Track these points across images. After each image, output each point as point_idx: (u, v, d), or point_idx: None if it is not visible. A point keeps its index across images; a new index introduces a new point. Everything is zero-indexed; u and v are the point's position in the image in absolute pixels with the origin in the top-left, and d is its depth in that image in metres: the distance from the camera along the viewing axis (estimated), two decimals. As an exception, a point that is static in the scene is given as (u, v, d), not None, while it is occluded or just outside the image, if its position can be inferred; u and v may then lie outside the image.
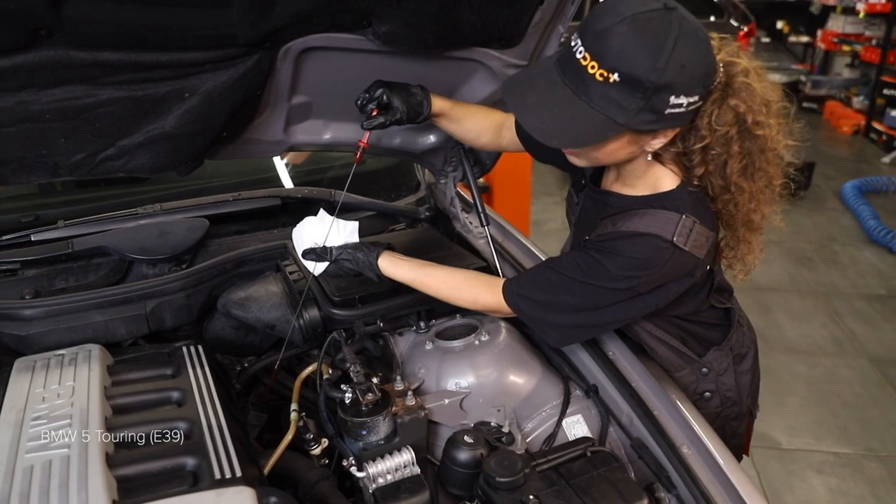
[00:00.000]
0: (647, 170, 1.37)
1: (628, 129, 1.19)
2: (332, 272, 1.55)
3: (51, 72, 1.24)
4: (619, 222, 1.36)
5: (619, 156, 1.31)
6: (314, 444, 1.52)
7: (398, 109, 1.54)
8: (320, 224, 1.58)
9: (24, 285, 1.69)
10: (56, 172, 1.39)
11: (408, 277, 1.53)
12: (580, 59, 1.16)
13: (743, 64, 1.28)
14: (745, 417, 1.73)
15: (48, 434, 1.23)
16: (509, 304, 1.45)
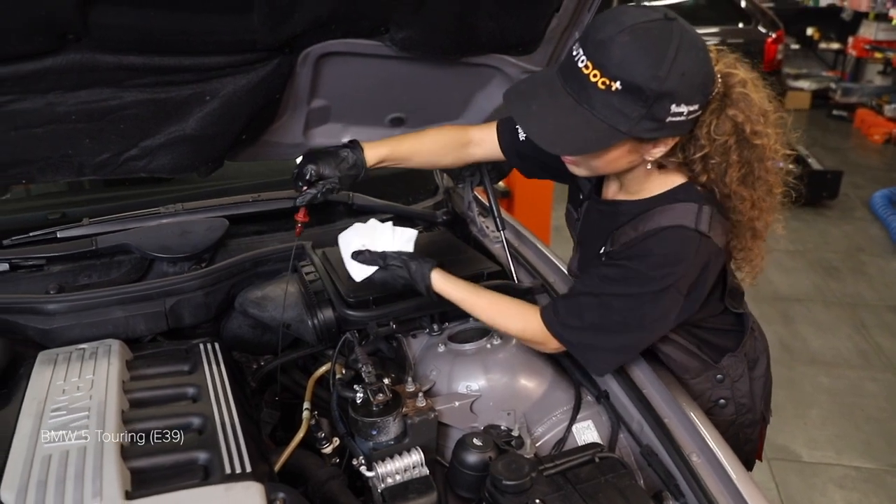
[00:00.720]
0: (648, 176, 1.38)
1: (630, 137, 1.21)
2: (379, 279, 1.55)
3: (78, 75, 1.29)
4: (640, 225, 1.36)
5: (620, 165, 1.32)
6: (326, 442, 1.54)
7: (330, 178, 1.52)
8: (371, 230, 1.58)
9: (50, 280, 1.73)
10: (81, 172, 1.43)
11: (458, 297, 1.52)
12: (582, 67, 1.17)
13: (740, 75, 1.30)
14: (759, 423, 1.73)
15: (67, 425, 1.27)
16: (555, 335, 1.42)
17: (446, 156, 1.69)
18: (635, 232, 1.35)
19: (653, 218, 1.34)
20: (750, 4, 8.23)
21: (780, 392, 3.60)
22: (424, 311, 1.70)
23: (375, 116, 1.84)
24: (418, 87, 1.75)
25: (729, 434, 1.64)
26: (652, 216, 1.35)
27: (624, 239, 1.37)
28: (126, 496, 1.12)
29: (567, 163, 1.38)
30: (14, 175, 1.39)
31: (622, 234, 1.39)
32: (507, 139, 1.65)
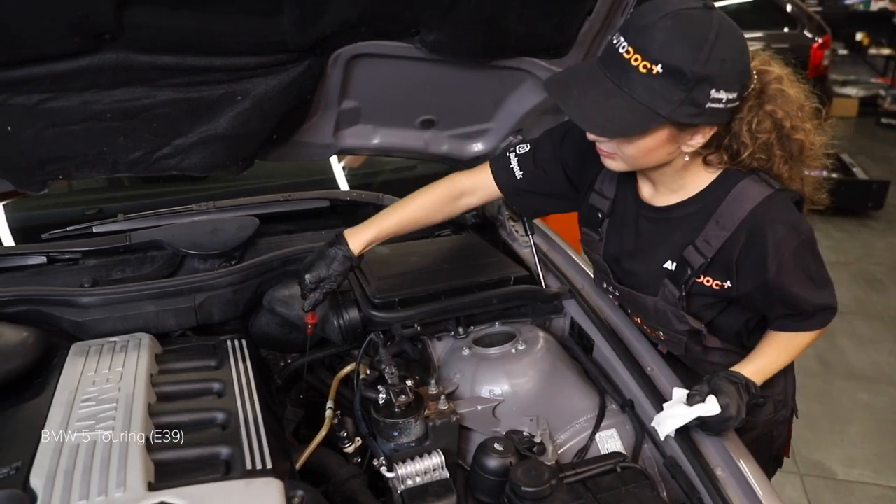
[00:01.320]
0: (687, 169, 1.36)
1: (669, 123, 1.21)
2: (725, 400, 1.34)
3: (113, 74, 1.32)
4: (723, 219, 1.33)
5: (657, 155, 1.30)
6: (348, 442, 1.55)
7: (326, 280, 1.55)
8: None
9: (85, 274, 1.78)
10: (115, 169, 1.46)
11: (768, 366, 1.48)
12: (623, 53, 1.19)
13: (776, 71, 1.31)
14: (789, 419, 1.74)
15: (95, 415, 1.30)
16: (818, 328, 1.48)
17: (438, 214, 1.66)
18: (725, 230, 1.33)
19: (731, 208, 1.33)
20: (796, 8, 8.04)
21: (816, 407, 3.55)
22: (450, 313, 1.70)
23: (406, 118, 1.85)
24: (449, 89, 1.75)
25: (764, 432, 1.66)
26: (728, 207, 1.33)
27: (717, 242, 1.35)
28: (149, 487, 1.14)
29: (604, 155, 1.36)
30: (52, 171, 1.43)
31: (711, 237, 1.35)
32: (503, 178, 1.62)
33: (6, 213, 2.63)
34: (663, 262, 1.44)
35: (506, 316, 1.81)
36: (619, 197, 1.52)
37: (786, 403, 1.67)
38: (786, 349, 1.49)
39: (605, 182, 1.54)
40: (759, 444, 1.64)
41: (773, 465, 1.76)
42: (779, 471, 1.80)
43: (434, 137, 1.93)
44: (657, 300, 1.47)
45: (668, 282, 1.43)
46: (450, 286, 1.73)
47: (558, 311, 1.85)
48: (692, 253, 1.38)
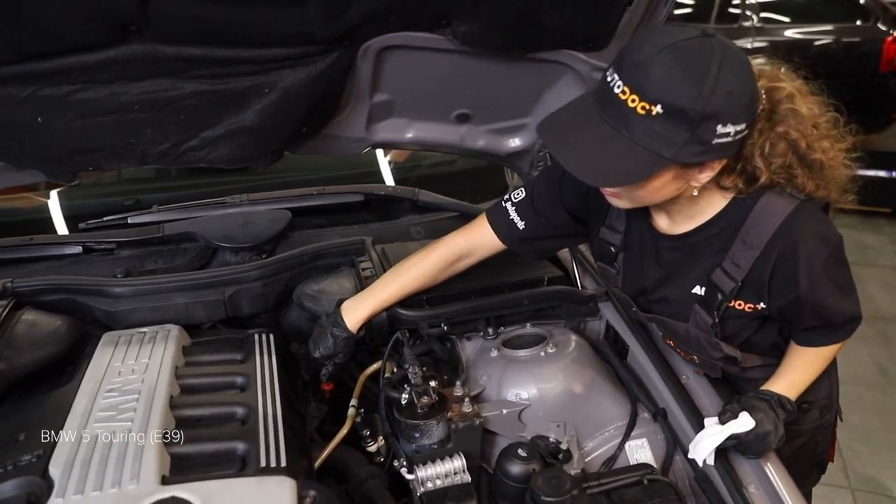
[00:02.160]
0: (702, 195, 1.27)
1: (674, 164, 1.12)
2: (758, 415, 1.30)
3: (140, 65, 1.31)
4: (749, 238, 1.25)
5: (665, 193, 1.22)
6: (371, 440, 1.53)
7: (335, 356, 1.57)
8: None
9: (119, 265, 1.80)
10: (143, 160, 1.47)
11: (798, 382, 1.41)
12: (619, 93, 1.09)
13: (787, 88, 1.21)
14: (834, 423, 1.67)
15: (117, 406, 1.30)
16: (842, 340, 1.41)
17: (435, 281, 1.61)
18: (754, 249, 1.25)
19: (757, 225, 1.24)
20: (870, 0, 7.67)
21: (873, 419, 3.38)
22: (479, 314, 1.66)
23: (441, 112, 1.80)
24: (484, 83, 1.70)
25: (810, 439, 1.60)
26: (753, 224, 1.24)
27: (746, 262, 1.26)
28: (162, 481, 1.13)
29: (608, 195, 1.29)
30: (81, 162, 1.44)
31: (739, 258, 1.27)
32: (504, 231, 1.54)
33: (60, 200, 2.70)
34: (692, 288, 1.36)
35: (539, 317, 1.76)
36: (632, 229, 1.45)
37: (830, 408, 1.60)
38: (813, 362, 1.41)
39: (613, 216, 1.46)
40: (805, 451, 1.58)
41: (817, 470, 1.69)
42: (829, 485, 1.72)
43: (470, 132, 1.88)
44: (688, 326, 1.40)
45: (698, 308, 1.36)
46: (480, 285, 1.69)
47: (593, 314, 1.79)
48: (721, 276, 1.30)
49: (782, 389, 1.36)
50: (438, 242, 1.60)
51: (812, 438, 1.59)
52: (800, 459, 1.53)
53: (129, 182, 2.82)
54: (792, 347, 1.43)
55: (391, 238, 1.98)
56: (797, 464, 1.57)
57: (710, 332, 1.36)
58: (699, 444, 1.30)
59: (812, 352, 1.40)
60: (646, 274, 1.45)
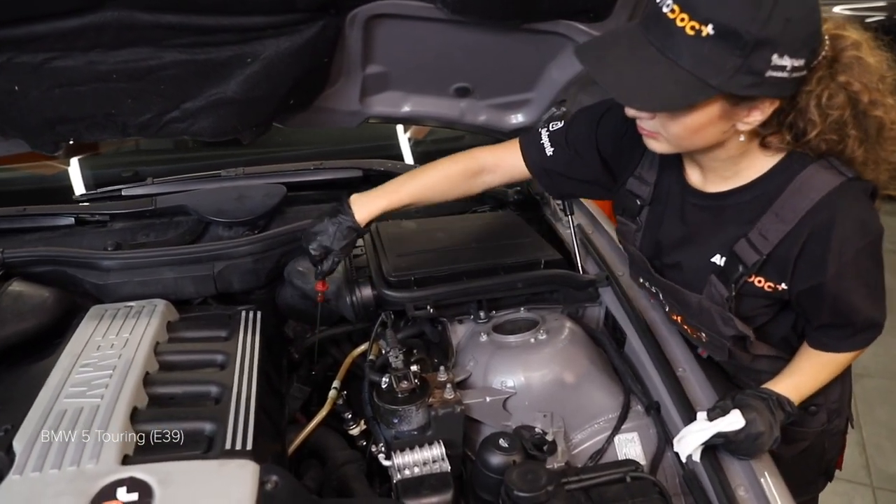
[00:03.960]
0: (743, 154, 1.17)
1: (721, 95, 1.02)
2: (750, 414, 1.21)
3: (116, 33, 1.28)
4: (783, 212, 1.15)
5: (708, 135, 1.11)
6: (353, 424, 1.49)
7: (332, 251, 1.45)
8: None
9: (111, 237, 1.79)
10: (125, 131, 1.44)
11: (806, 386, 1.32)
12: (667, 12, 1.00)
13: (852, 36, 1.09)
14: (843, 430, 1.57)
15: (89, 382, 1.29)
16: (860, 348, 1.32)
17: (453, 190, 1.52)
18: (785, 223, 1.15)
19: (793, 199, 1.14)
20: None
21: (896, 414, 3.24)
22: (469, 296, 1.60)
23: (439, 85, 1.74)
24: (483, 55, 1.63)
25: (815, 444, 1.51)
26: (790, 198, 1.15)
27: (775, 236, 1.17)
28: (124, 460, 1.11)
29: (646, 136, 1.18)
30: (62, 132, 1.41)
31: (768, 230, 1.17)
32: (532, 154, 1.47)
33: (81, 168, 2.71)
34: (711, 256, 1.26)
35: (535, 301, 1.69)
36: (662, 182, 1.35)
37: (841, 413, 1.50)
38: (824, 368, 1.31)
39: (645, 166, 1.37)
40: (808, 456, 1.49)
41: (822, 478, 1.59)
42: (849, 481, 1.63)
43: (470, 107, 1.82)
44: (702, 298, 1.31)
45: (714, 279, 1.26)
46: (472, 267, 1.63)
47: (593, 300, 1.71)
48: (745, 248, 1.20)
49: (785, 390, 1.27)
50: (463, 152, 1.53)
51: (818, 444, 1.49)
52: (803, 465, 1.44)
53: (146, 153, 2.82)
54: (803, 349, 1.34)
55: (389, 215, 1.92)
56: (800, 469, 1.49)
57: (724, 305, 1.26)
58: (683, 440, 1.23)
59: (824, 357, 1.31)
60: (667, 230, 1.35)
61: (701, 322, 1.36)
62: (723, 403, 1.23)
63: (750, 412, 1.19)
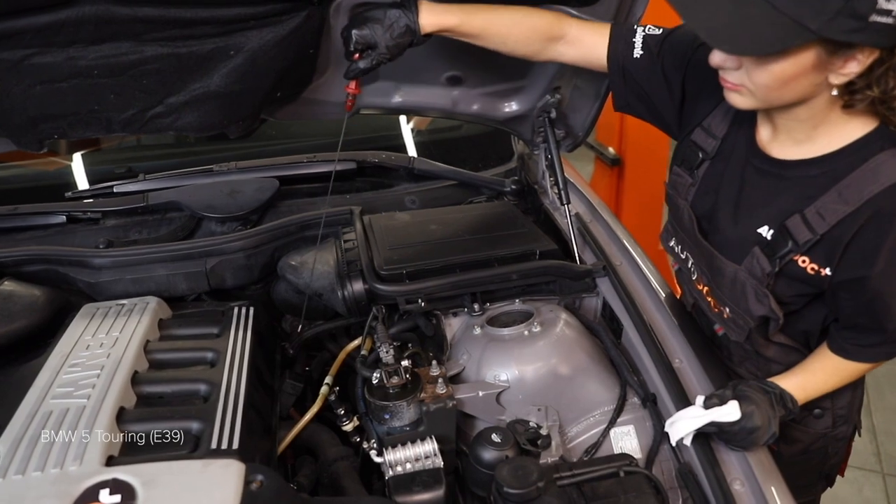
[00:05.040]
0: (825, 117, 1.11)
1: (819, 41, 0.96)
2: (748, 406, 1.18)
3: (94, 27, 1.25)
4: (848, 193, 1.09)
5: (797, 88, 1.04)
6: (346, 420, 1.48)
7: (377, 47, 1.31)
8: None
9: (103, 235, 1.77)
10: (110, 128, 1.42)
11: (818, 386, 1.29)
12: None
13: None
14: (849, 437, 1.52)
15: (76, 382, 1.28)
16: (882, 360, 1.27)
17: (526, 43, 1.37)
18: (847, 206, 1.09)
19: (863, 180, 1.08)
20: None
21: (908, 398, 3.19)
22: (462, 289, 1.57)
23: (430, 75, 1.71)
24: (474, 43, 1.59)
25: (816, 447, 1.47)
26: (859, 179, 1.08)
27: (833, 217, 1.11)
28: (109, 461, 1.10)
29: (728, 88, 1.11)
30: (46, 130, 1.40)
31: (827, 210, 1.11)
32: (619, 50, 1.35)
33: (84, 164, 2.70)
34: (759, 226, 1.21)
35: (531, 293, 1.66)
36: (729, 139, 1.28)
37: (848, 419, 1.45)
38: (836, 373, 1.28)
39: (718, 118, 1.29)
40: (809, 458, 1.46)
41: (823, 483, 1.55)
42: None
43: (463, 96, 1.78)
44: (739, 269, 1.25)
45: (758, 251, 1.21)
46: (466, 259, 1.60)
47: (590, 290, 1.68)
48: (798, 224, 1.14)
49: (791, 387, 1.23)
50: (551, 11, 1.40)
51: (820, 448, 1.45)
52: (803, 466, 1.40)
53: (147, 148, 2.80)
54: (821, 349, 1.30)
55: (384, 207, 1.91)
56: (799, 470, 1.45)
57: (762, 280, 1.21)
58: (676, 424, 1.20)
59: (840, 363, 1.27)
60: (723, 191, 1.29)
61: (731, 296, 1.30)
62: (721, 392, 1.20)
63: (748, 405, 1.15)
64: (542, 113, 1.82)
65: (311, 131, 2.27)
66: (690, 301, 1.47)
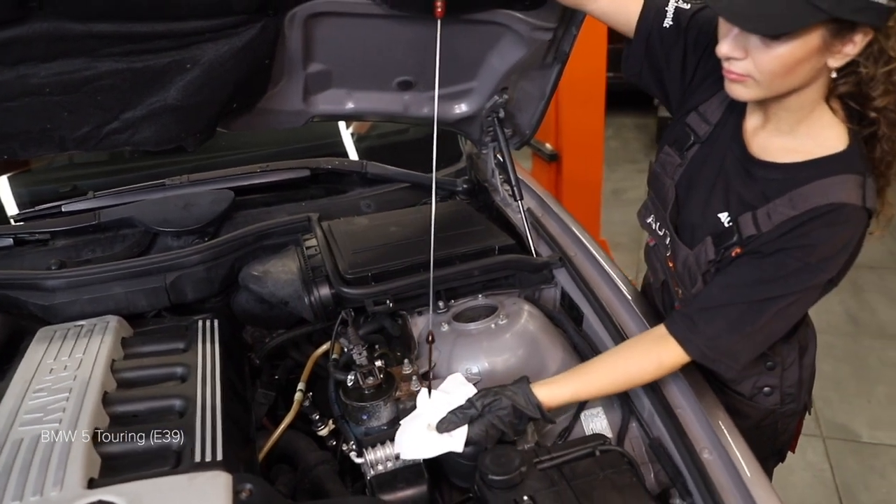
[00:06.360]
0: (812, 110, 1.19)
1: (828, 22, 1.03)
2: (478, 435, 1.24)
3: (46, 44, 1.23)
4: (799, 201, 1.17)
5: (800, 73, 1.11)
6: (321, 424, 1.49)
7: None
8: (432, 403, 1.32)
9: (53, 256, 1.72)
10: (63, 146, 1.39)
11: (573, 394, 1.30)
12: None
13: None
14: (800, 414, 1.60)
15: (44, 407, 1.25)
16: (697, 356, 1.26)
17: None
18: (793, 210, 1.17)
19: (814, 193, 1.16)
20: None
21: (843, 367, 3.41)
22: (426, 288, 1.59)
23: (381, 80, 1.73)
24: (423, 48, 1.62)
25: (766, 423, 1.54)
26: (812, 191, 1.16)
27: (778, 218, 1.19)
28: (90, 484, 1.09)
29: (732, 79, 1.16)
30: (-4, 150, 1.36)
31: (776, 212, 1.19)
32: (651, 15, 1.36)
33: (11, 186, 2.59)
34: (721, 212, 1.28)
35: (492, 287, 1.72)
36: (720, 125, 1.34)
37: (797, 398, 1.53)
38: (610, 366, 1.32)
39: (713, 105, 1.35)
40: (761, 433, 1.52)
41: (774, 458, 1.63)
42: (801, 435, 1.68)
43: (414, 100, 1.82)
44: (689, 254, 1.33)
45: (709, 240, 1.28)
46: (428, 258, 1.63)
47: (548, 281, 1.74)
48: (748, 221, 1.23)
49: (548, 385, 1.29)
50: None
51: (770, 423, 1.52)
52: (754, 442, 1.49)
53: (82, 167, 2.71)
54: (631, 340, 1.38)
55: (340, 213, 1.92)
56: (752, 445, 1.54)
57: (703, 266, 1.30)
58: (404, 444, 1.27)
59: (619, 354, 1.34)
60: (704, 174, 1.35)
61: (683, 278, 1.38)
62: (458, 415, 1.25)
63: (479, 429, 1.24)
64: (491, 113, 1.87)
65: (260, 141, 2.26)
66: (661, 278, 1.54)
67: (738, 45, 1.11)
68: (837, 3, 1.00)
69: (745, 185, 1.26)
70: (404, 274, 1.60)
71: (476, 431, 1.24)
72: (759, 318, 1.21)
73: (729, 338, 1.23)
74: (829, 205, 1.14)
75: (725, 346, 1.24)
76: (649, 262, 1.59)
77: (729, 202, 1.28)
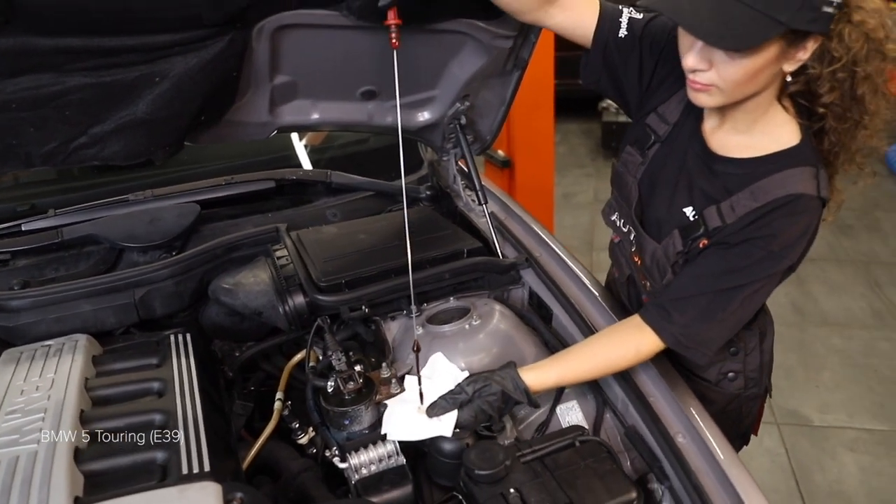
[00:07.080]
0: (767, 110, 1.27)
1: (785, 34, 1.10)
2: (467, 420, 1.30)
3: (13, 60, 1.21)
4: (760, 193, 1.25)
5: (760, 80, 1.19)
6: (301, 433, 1.50)
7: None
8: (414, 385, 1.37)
9: (15, 275, 1.69)
10: (29, 162, 1.36)
11: (559, 374, 1.36)
12: None
13: None
14: (761, 397, 1.68)
15: (20, 429, 1.22)
16: (672, 344, 1.31)
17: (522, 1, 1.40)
18: (755, 202, 1.25)
19: (773, 185, 1.24)
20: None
21: (791, 356, 3.56)
22: (400, 292, 1.63)
23: (346, 90, 1.75)
24: (387, 58, 1.64)
25: (731, 407, 1.61)
26: (771, 183, 1.24)
27: (741, 210, 1.26)
28: (75, 502, 1.07)
29: (696, 89, 1.22)
30: (-42, 168, 1.33)
31: (739, 205, 1.27)
32: (606, 28, 1.41)
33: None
34: (685, 206, 1.35)
35: (462, 290, 1.75)
36: (679, 125, 1.41)
37: (758, 382, 1.60)
38: (591, 352, 1.39)
39: (671, 105, 1.41)
40: (727, 418, 1.59)
41: (739, 441, 1.70)
42: None
43: (377, 109, 1.84)
44: (657, 248, 1.39)
45: (676, 233, 1.35)
46: (399, 263, 1.66)
47: (515, 282, 1.79)
48: (712, 214, 1.30)
49: (535, 369, 1.36)
50: None
51: (735, 408, 1.59)
52: (721, 427, 1.57)
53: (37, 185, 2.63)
54: (610, 328, 1.44)
55: (306, 223, 1.93)
56: None
57: (671, 258, 1.36)
58: (391, 425, 1.32)
59: (600, 341, 1.40)
60: (665, 172, 1.41)
61: (652, 271, 1.44)
62: (444, 401, 1.31)
63: (468, 414, 1.30)
64: (454, 120, 1.91)
65: (219, 154, 2.25)
66: (626, 273, 1.60)
67: (702, 58, 1.18)
68: (793, 15, 1.08)
69: (708, 181, 1.33)
70: (377, 280, 1.62)
71: (465, 417, 1.29)
72: (728, 305, 1.28)
73: (701, 326, 1.29)
74: (787, 196, 1.22)
75: (698, 334, 1.30)
76: (614, 257, 1.65)
77: (693, 197, 1.34)
